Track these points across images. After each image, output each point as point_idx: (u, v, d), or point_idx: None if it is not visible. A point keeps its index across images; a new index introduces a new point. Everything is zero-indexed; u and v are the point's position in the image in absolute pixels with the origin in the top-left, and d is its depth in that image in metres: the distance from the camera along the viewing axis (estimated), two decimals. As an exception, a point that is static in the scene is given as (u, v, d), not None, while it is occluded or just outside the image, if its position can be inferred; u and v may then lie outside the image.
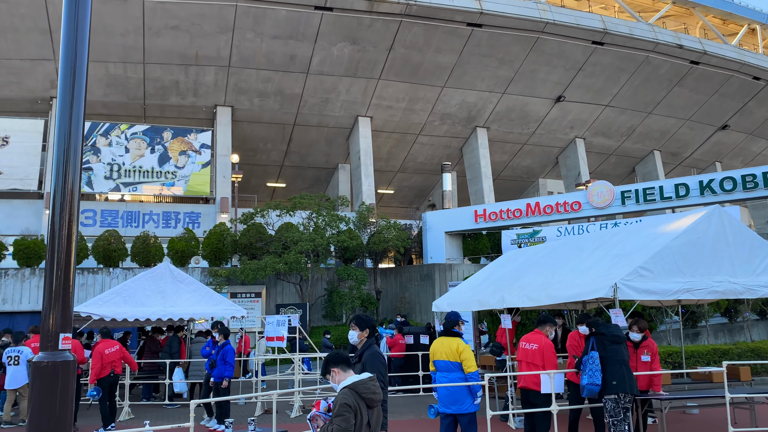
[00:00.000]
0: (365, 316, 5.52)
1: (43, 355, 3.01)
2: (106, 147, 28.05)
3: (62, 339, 3.00)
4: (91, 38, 19.45)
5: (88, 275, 22.08)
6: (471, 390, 7.47)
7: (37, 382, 2.99)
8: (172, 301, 13.36)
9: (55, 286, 3.04)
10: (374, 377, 4.48)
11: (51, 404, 2.84)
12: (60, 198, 3.17)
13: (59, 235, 3.12)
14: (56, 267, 3.07)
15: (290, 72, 28.67)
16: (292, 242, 21.75)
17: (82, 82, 3.47)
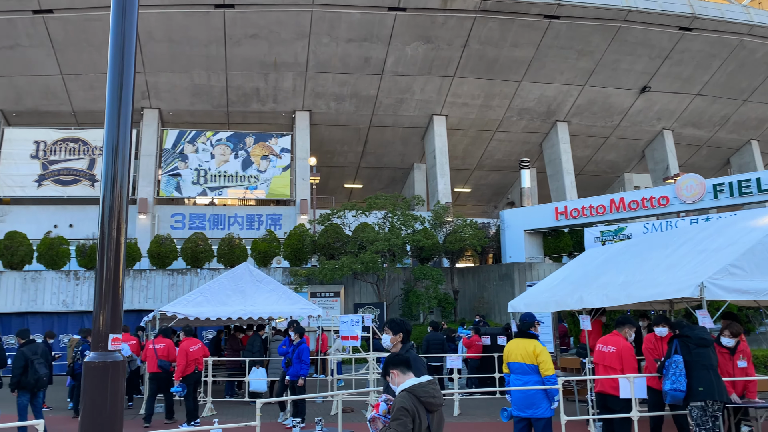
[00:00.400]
0: (400, 319, 5.34)
1: (94, 356, 3.16)
2: (193, 153, 29.40)
3: (112, 339, 3.13)
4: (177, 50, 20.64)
5: (177, 276, 23.22)
6: (548, 394, 7.24)
7: (89, 381, 3.14)
8: (251, 300, 13.80)
9: (105, 289, 3.17)
10: (434, 381, 4.40)
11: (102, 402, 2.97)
12: (109, 204, 3.31)
13: (108, 239, 3.26)
14: (106, 270, 3.21)
15: (365, 74, 28.94)
16: (368, 242, 21.93)
17: (128, 95, 3.60)
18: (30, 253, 22.74)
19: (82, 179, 28.56)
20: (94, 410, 2.99)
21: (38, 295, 22.34)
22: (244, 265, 14.91)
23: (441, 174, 30.79)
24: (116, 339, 3.14)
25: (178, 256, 23.63)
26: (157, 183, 28.94)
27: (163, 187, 28.95)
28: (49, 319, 22.24)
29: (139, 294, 22.87)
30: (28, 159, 28.51)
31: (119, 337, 3.19)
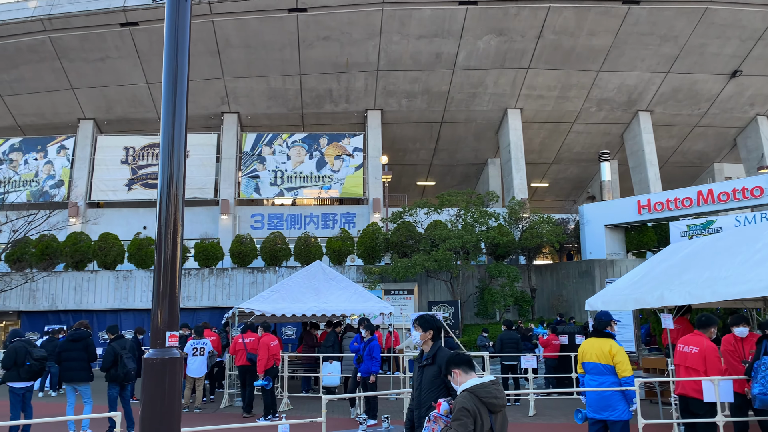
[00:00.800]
0: (429, 316, 5.17)
1: (152, 352, 3.29)
2: (270, 155, 30.27)
3: (169, 337, 3.24)
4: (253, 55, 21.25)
5: (257, 274, 23.97)
6: (625, 395, 6.92)
7: (148, 377, 3.27)
8: (324, 298, 14.02)
9: (162, 287, 3.29)
10: (497, 381, 4.28)
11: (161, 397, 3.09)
12: (165, 206, 3.43)
13: (165, 239, 3.38)
14: (163, 268, 3.33)
15: (436, 70, 28.78)
16: (441, 240, 21.78)
17: (183, 101, 3.71)
18: (122, 254, 24.13)
19: (167, 182, 30.02)
20: (154, 404, 3.12)
21: (129, 293, 23.67)
22: (317, 264, 15.17)
23: (516, 169, 30.16)
24: (173, 336, 3.26)
25: (258, 255, 24.38)
26: (238, 185, 29.99)
27: (243, 188, 29.97)
28: (140, 315, 23.52)
29: (222, 291, 23.78)
30: (119, 164, 30.28)
31: (176, 334, 3.30)
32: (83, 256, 23.93)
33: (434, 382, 4.77)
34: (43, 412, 11.86)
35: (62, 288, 23.72)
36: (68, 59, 28.35)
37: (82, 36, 27.34)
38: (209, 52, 27.59)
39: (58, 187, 30.26)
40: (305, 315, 13.97)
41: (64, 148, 30.79)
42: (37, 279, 23.32)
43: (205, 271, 23.96)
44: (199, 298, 23.60)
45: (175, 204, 3.40)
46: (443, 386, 4.72)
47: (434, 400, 4.67)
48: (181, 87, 3.73)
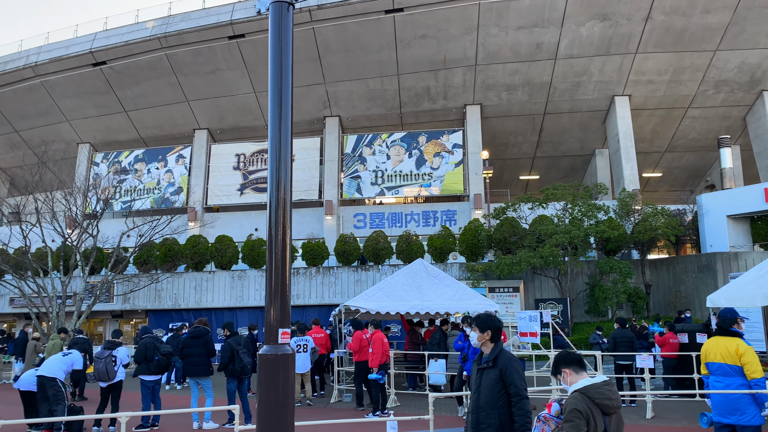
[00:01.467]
0: (486, 315, 4.81)
1: (266, 348, 3.45)
2: (370, 156, 30.78)
3: (281, 333, 3.38)
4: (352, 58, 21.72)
5: (361, 272, 24.45)
6: (756, 399, 6.42)
7: (263, 372, 3.43)
8: (427, 296, 14.05)
9: (274, 286, 3.43)
10: (610, 381, 4.10)
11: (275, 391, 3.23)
12: (275, 207, 3.57)
13: (275, 240, 3.52)
14: (274, 268, 3.47)
15: (537, 61, 27.98)
16: (547, 235, 21.14)
17: (288, 108, 3.84)
18: (236, 255, 25.47)
19: (275, 186, 31.35)
20: (269, 398, 3.27)
21: (244, 292, 24.94)
22: (419, 261, 15.23)
23: (626, 159, 28.70)
24: (285, 333, 3.40)
25: (361, 254, 24.86)
26: (340, 186, 30.75)
27: (346, 189, 30.69)
28: (254, 312, 24.70)
29: (329, 289, 24.47)
30: (231, 170, 32.00)
31: (288, 331, 3.44)
32: (202, 258, 25.50)
33: (495, 387, 4.51)
34: (170, 404, 12.77)
35: (184, 288, 25.40)
36: (183, 73, 30.32)
37: (194, 51, 29.15)
38: (310, 58, 28.46)
39: (177, 194, 32.47)
40: (409, 313, 14.07)
41: (182, 157, 32.99)
42: (161, 280, 25.14)
43: (312, 270, 24.75)
44: (308, 295, 24.41)
45: (283, 207, 3.55)
46: (504, 391, 4.48)
47: (493, 406, 4.47)
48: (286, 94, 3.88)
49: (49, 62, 31.10)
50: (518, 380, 4.46)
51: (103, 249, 24.99)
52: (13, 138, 35.03)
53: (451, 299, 14.01)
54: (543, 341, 15.37)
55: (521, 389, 4.43)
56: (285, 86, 3.88)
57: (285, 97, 3.85)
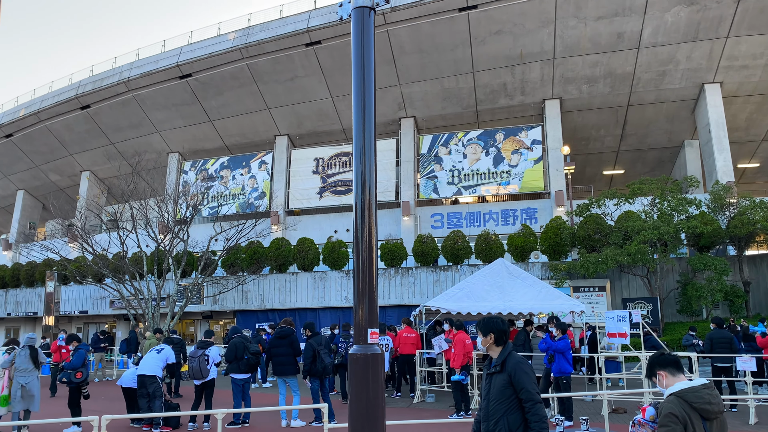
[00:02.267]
0: (488, 318, 4.50)
1: (356, 348, 3.50)
2: (446, 155, 30.64)
3: (370, 333, 3.43)
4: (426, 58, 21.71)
5: (440, 272, 24.39)
6: None
7: (353, 372, 3.49)
8: (509, 296, 13.83)
9: (361, 286, 3.48)
10: (710, 384, 3.88)
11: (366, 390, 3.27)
12: (360, 210, 3.62)
13: (362, 241, 3.57)
14: (361, 269, 3.52)
15: (619, 51, 26.92)
16: (634, 232, 20.27)
17: (371, 111, 3.88)
18: (317, 256, 26.05)
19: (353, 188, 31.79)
20: (360, 397, 3.33)
21: (326, 292, 25.46)
22: (500, 261, 15.00)
23: (719, 150, 27.08)
24: (374, 333, 3.45)
25: (440, 254, 24.79)
26: (417, 186, 30.79)
27: (422, 189, 30.70)
28: (335, 313, 25.18)
29: (408, 290, 24.57)
30: (310, 174, 32.75)
31: (377, 331, 3.49)
32: (285, 260, 26.25)
33: (503, 392, 4.23)
34: (259, 402, 13.22)
35: (269, 289, 26.24)
36: (263, 82, 31.34)
37: (273, 59, 30.06)
38: (385, 60, 28.68)
39: (261, 198, 33.59)
40: (490, 313, 13.89)
41: (264, 163, 34.10)
42: (247, 281, 26.09)
43: (391, 271, 24.91)
44: (387, 296, 24.60)
45: (368, 208, 3.61)
46: (513, 397, 4.20)
47: (503, 412, 4.20)
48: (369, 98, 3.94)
49: (140, 77, 32.98)
50: (528, 384, 4.19)
51: (193, 253, 26.24)
52: (110, 150, 37.37)
53: (535, 299, 13.71)
54: (633, 342, 14.76)
55: (533, 393, 4.16)
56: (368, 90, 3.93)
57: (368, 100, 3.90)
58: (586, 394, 12.05)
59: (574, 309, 13.64)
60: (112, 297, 27.44)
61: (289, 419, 11.11)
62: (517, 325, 16.19)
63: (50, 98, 37.13)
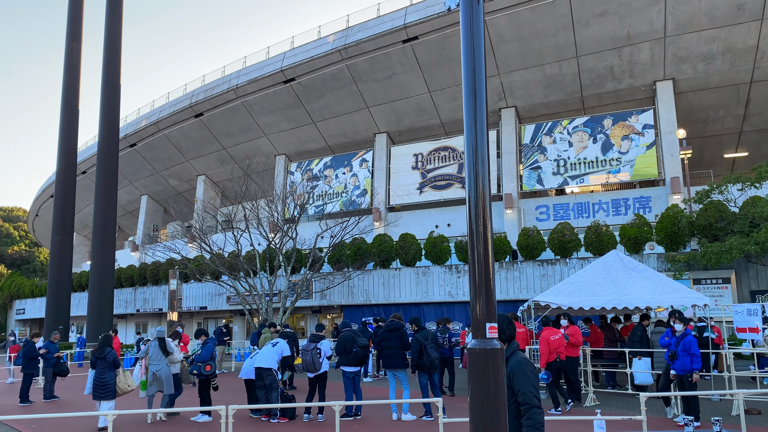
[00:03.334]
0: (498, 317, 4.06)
1: (474, 343, 3.45)
2: (550, 145, 29.69)
3: (489, 328, 3.36)
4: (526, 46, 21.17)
5: (547, 266, 23.67)
6: None
7: (472, 367, 3.44)
8: (625, 289, 13.18)
9: (478, 280, 3.42)
10: None
11: (486, 385, 3.22)
12: (474, 203, 3.56)
13: (476, 234, 3.51)
14: (477, 262, 3.45)
15: (739, 24, 24.84)
16: (762, 218, 18.64)
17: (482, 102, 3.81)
18: (419, 252, 26.14)
19: (454, 183, 31.61)
20: (480, 393, 3.29)
21: (428, 288, 25.51)
22: (614, 253, 14.32)
23: None
24: (492, 327, 3.39)
25: (546, 247, 24.06)
26: (519, 178, 30.08)
27: (525, 181, 29.95)
28: (439, 308, 25.17)
29: (513, 285, 24.06)
30: (410, 170, 32.92)
31: (495, 325, 3.43)
32: (388, 256, 26.57)
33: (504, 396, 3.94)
34: (369, 395, 13.47)
35: (373, 284, 26.69)
36: (362, 81, 31.86)
37: (371, 58, 30.48)
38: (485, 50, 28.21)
39: (363, 196, 34.21)
40: (604, 308, 13.30)
41: (365, 161, 34.70)
42: (353, 277, 26.67)
43: (495, 265, 24.50)
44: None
45: (483, 201, 3.55)
46: (513, 400, 3.90)
47: None
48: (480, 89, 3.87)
49: (247, 84, 34.60)
50: (526, 387, 3.87)
51: (301, 250, 27.20)
52: (222, 155, 39.54)
53: (652, 293, 12.97)
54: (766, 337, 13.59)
55: (530, 397, 3.84)
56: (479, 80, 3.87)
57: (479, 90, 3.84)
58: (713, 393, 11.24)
59: (697, 302, 12.76)
60: (229, 293, 29.03)
61: (400, 413, 11.23)
62: (634, 320, 15.42)
63: (167, 108, 39.86)
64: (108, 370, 11.04)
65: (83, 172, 47.85)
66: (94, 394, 11.01)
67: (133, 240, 48.52)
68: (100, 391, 10.95)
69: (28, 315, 49.53)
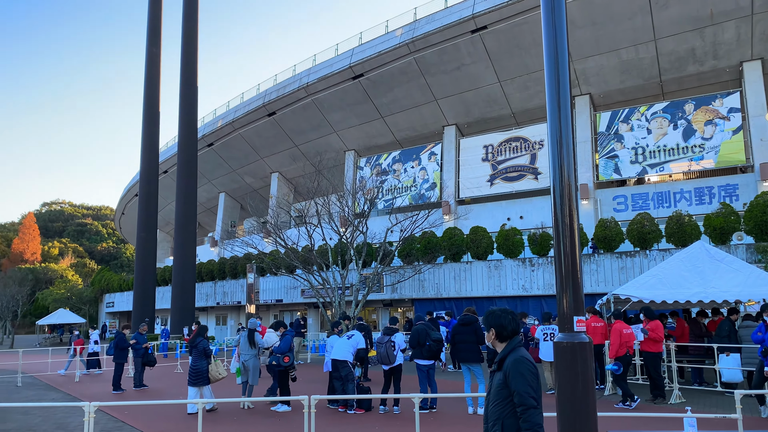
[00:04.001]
0: (490, 312, 3.84)
1: (561, 336, 3.37)
2: (628, 132, 28.57)
3: (576, 321, 3.27)
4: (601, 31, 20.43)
5: (626, 258, 22.83)
6: None
7: (559, 361, 3.36)
8: (711, 282, 12.53)
9: (564, 273, 3.33)
10: None
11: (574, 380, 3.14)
12: (559, 192, 3.46)
13: (562, 225, 3.41)
14: (563, 255, 3.36)
15: (837, -5, 23.04)
16: None
17: (566, 88, 3.70)
18: (490, 245, 25.82)
19: (526, 174, 30.99)
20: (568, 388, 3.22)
21: (501, 281, 25.17)
22: (699, 244, 13.64)
23: None
24: (580, 321, 3.30)
25: (624, 239, 23.21)
26: (595, 167, 29.14)
27: (602, 170, 28.98)
28: (512, 302, 24.78)
29: (590, 278, 23.37)
30: (480, 162, 32.53)
31: (583, 319, 3.34)
32: (458, 249, 26.40)
33: (500, 393, 3.71)
34: (444, 389, 13.45)
35: (444, 278, 26.60)
36: (430, 74, 31.73)
37: (439, 50, 30.29)
38: (554, 38, 27.49)
39: (432, 189, 34.12)
40: (689, 302, 12.69)
41: (433, 154, 34.58)
42: (423, 271, 26.67)
43: (571, 258, 23.86)
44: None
45: (568, 190, 3.47)
46: (510, 399, 3.66)
47: (498, 415, 3.69)
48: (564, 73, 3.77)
49: (317, 81, 35.18)
50: (523, 387, 3.60)
51: (372, 244, 27.45)
52: (294, 152, 40.43)
53: (742, 285, 12.26)
54: None
55: (526, 398, 3.58)
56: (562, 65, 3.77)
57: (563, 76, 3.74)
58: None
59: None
60: (303, 287, 29.70)
61: (476, 407, 11.15)
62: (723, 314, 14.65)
63: (242, 108, 41.13)
64: (200, 359, 11.73)
65: (164, 171, 50.20)
66: (189, 380, 11.76)
67: (212, 236, 50.49)
68: (194, 378, 11.69)
69: (117, 308, 52.57)
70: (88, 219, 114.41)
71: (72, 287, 61.81)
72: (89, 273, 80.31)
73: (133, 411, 12.11)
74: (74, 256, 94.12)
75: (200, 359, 11.78)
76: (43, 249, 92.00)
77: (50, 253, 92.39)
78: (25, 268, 68.15)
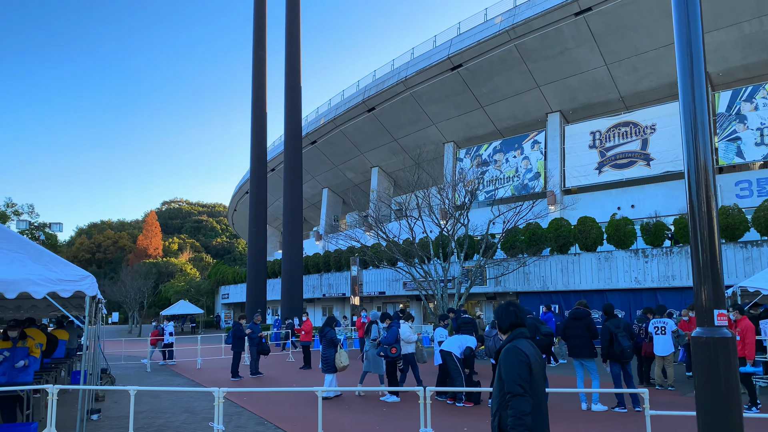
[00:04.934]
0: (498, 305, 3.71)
1: (699, 331, 3.17)
2: (751, 112, 26.36)
3: (717, 315, 3.06)
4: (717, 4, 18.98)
5: (751, 248, 21.13)
6: None
7: (697, 357, 3.16)
8: None
9: (702, 264, 3.11)
10: None
11: (715, 378, 2.93)
12: (694, 176, 3.25)
13: (698, 212, 3.19)
14: (700, 244, 3.15)
15: None
16: None
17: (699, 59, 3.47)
18: (600, 235, 24.77)
19: (637, 160, 29.42)
20: (709, 386, 3.02)
21: (612, 274, 24.08)
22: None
23: None
24: (721, 315, 3.10)
25: (750, 227, 21.47)
26: (714, 151, 27.12)
27: (721, 154, 26.95)
28: (624, 295, 23.66)
29: (710, 269, 21.82)
30: (586, 149, 31.25)
31: (724, 312, 3.13)
32: (565, 240, 25.55)
33: (498, 385, 3.82)
34: (555, 384, 13.13)
35: (550, 270, 25.85)
36: (531, 60, 30.86)
37: (541, 36, 29.37)
38: (665, 14, 25.86)
39: (536, 179, 33.23)
40: (831, 295, 11.57)
41: (536, 143, 33.63)
42: (528, 263, 26.07)
43: (688, 248, 22.40)
44: (685, 276, 22.25)
45: (704, 175, 3.25)
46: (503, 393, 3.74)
47: (497, 407, 3.77)
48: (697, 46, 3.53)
49: (415, 75, 35.25)
50: (509, 374, 3.70)
51: (473, 236, 27.18)
52: (393, 146, 40.80)
53: None
54: None
55: (513, 385, 3.66)
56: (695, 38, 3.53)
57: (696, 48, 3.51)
58: None
59: None
60: (405, 279, 29.98)
61: (589, 403, 10.80)
62: None
63: (342, 105, 42.05)
64: (327, 348, 12.60)
65: (272, 169, 52.42)
66: (322, 368, 12.77)
67: (316, 230, 52.16)
68: (325, 366, 12.65)
69: (231, 299, 55.67)
70: (204, 216, 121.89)
71: (191, 280, 66.19)
72: (205, 267, 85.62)
73: (251, 397, 12.79)
74: (192, 251, 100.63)
75: (328, 348, 12.55)
76: (164, 244, 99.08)
77: (170, 248, 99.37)
78: (149, 263, 73.70)
